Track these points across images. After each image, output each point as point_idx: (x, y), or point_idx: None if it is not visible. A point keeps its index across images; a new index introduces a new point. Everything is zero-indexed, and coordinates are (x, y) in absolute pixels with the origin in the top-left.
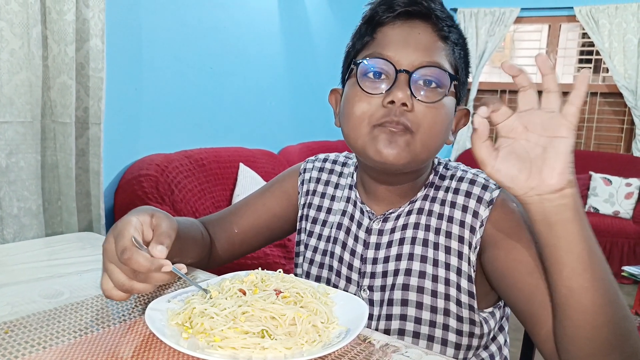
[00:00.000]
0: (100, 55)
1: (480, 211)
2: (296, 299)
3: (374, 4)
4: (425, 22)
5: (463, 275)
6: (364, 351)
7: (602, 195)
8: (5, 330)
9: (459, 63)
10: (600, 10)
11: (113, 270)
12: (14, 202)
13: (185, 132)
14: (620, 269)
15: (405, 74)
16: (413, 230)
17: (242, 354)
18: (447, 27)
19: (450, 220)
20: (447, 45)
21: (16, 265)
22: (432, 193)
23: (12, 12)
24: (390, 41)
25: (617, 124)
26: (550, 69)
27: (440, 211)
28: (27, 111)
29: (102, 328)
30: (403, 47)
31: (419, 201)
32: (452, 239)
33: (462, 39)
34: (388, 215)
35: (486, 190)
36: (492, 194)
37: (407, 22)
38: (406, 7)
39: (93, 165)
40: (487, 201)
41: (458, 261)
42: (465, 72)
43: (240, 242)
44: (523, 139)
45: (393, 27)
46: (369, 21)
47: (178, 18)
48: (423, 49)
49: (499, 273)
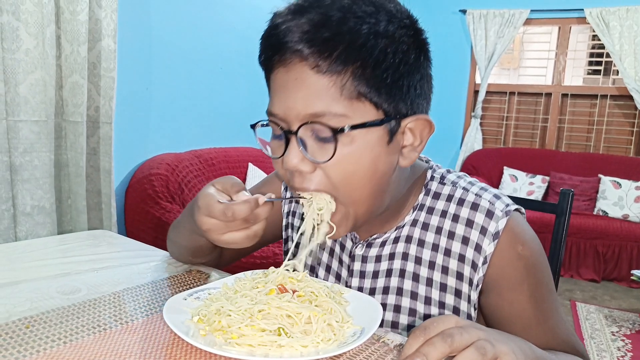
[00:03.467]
0: (112, 55)
1: (484, 245)
2: (311, 298)
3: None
4: (300, 59)
5: (461, 314)
6: (378, 351)
7: (612, 199)
8: (26, 325)
9: (372, 81)
10: (611, 12)
11: (231, 238)
12: (28, 201)
13: (195, 132)
14: (630, 273)
15: (293, 134)
16: (402, 262)
17: (259, 351)
18: (327, 55)
19: (447, 254)
20: (338, 76)
21: (32, 262)
22: (422, 217)
23: (27, 12)
24: (274, 93)
25: (627, 127)
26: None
27: (435, 241)
28: (42, 110)
29: (120, 325)
30: (284, 100)
31: (407, 227)
32: (449, 275)
33: (373, 40)
34: (372, 241)
35: (491, 219)
36: (498, 225)
37: (284, 64)
38: (266, 51)
39: (104, 164)
40: (492, 233)
41: (455, 299)
42: (397, 76)
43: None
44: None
45: (274, 74)
46: (262, 64)
47: (189, 19)
48: (302, 99)
49: (498, 321)
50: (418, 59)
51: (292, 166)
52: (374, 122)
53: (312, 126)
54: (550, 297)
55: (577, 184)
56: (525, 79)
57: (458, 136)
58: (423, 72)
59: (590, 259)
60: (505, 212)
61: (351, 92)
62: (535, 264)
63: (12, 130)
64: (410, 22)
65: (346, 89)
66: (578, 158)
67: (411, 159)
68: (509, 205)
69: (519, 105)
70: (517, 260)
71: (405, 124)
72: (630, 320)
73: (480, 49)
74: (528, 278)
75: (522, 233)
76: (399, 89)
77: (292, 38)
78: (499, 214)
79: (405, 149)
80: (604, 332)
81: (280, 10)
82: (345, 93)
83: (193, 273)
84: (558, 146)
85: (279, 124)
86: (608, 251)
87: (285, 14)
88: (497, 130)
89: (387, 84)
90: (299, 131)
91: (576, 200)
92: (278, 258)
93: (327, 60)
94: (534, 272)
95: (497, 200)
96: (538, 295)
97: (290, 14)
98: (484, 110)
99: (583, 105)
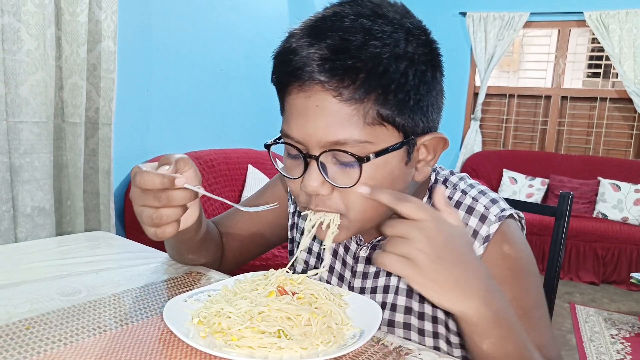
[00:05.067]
0: (112, 57)
1: (474, 247)
2: (310, 300)
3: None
4: (322, 87)
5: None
6: (377, 353)
7: (611, 201)
8: (27, 326)
9: (394, 105)
10: (611, 15)
11: (142, 211)
12: (28, 202)
13: (195, 133)
14: (629, 276)
15: (314, 159)
16: None
17: (259, 353)
18: (348, 83)
19: None
20: (360, 104)
21: (32, 264)
22: None
23: (29, 13)
24: (292, 117)
25: (626, 130)
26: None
27: None
28: (42, 111)
29: (120, 326)
30: (303, 125)
31: None
32: None
33: (394, 64)
34: (376, 243)
35: (484, 223)
36: (490, 229)
37: (303, 90)
38: (282, 75)
39: (103, 165)
40: (482, 237)
41: None
42: (418, 98)
43: (240, 250)
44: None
45: (292, 97)
46: (275, 84)
47: (189, 20)
48: (324, 127)
49: None
50: (435, 76)
51: (312, 190)
52: (395, 145)
53: (334, 153)
54: (535, 305)
55: (576, 187)
56: (525, 81)
57: (458, 138)
58: (438, 88)
59: (590, 262)
60: (499, 217)
61: (374, 118)
62: (520, 269)
63: (13, 132)
64: (426, 38)
65: (369, 116)
66: (577, 161)
67: (425, 173)
68: (504, 210)
69: (518, 108)
70: (501, 259)
71: (422, 142)
72: (629, 323)
73: (480, 51)
74: (511, 280)
75: (509, 234)
76: (420, 109)
77: (312, 67)
78: (492, 219)
79: (419, 163)
80: (604, 335)
81: (296, 31)
82: (368, 119)
83: (193, 275)
84: (557, 149)
85: (297, 146)
86: (607, 254)
87: (301, 36)
88: (497, 133)
89: (409, 106)
90: (322, 156)
91: (575, 203)
92: (277, 259)
93: (349, 88)
94: (518, 276)
95: (493, 205)
96: (521, 302)
97: (307, 37)
98: (483, 112)
99: (582, 108)
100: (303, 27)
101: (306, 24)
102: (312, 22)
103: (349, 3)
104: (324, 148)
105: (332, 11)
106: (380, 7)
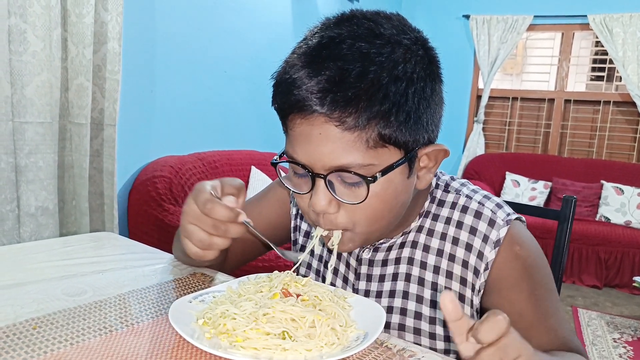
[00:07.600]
0: (117, 58)
1: (485, 252)
2: (315, 302)
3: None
4: (324, 117)
5: None
6: (381, 355)
7: (614, 205)
8: (34, 326)
9: (395, 127)
10: (615, 18)
11: (193, 231)
12: (32, 202)
13: (199, 135)
14: (632, 279)
15: (321, 178)
16: (407, 266)
17: (264, 354)
18: (350, 112)
19: (451, 259)
20: (363, 130)
21: (37, 264)
22: (428, 224)
23: (35, 14)
24: (296, 142)
25: (629, 133)
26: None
27: (439, 247)
28: (47, 112)
29: (126, 326)
30: (308, 150)
31: (413, 233)
32: (454, 280)
33: (394, 87)
34: (379, 246)
35: (493, 227)
36: (500, 233)
37: (305, 118)
38: (283, 104)
39: (107, 166)
40: (493, 241)
41: (459, 303)
42: (418, 115)
43: (242, 252)
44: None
45: (296, 124)
46: (277, 111)
47: (193, 22)
48: (329, 153)
49: None
50: (434, 89)
51: (321, 210)
52: (399, 162)
53: (340, 174)
54: (551, 297)
55: (579, 190)
56: (528, 84)
57: (460, 141)
58: (437, 99)
59: (592, 266)
60: (506, 221)
61: (376, 141)
62: (533, 265)
63: (18, 132)
64: (424, 52)
65: (371, 140)
66: (580, 164)
67: (427, 180)
68: (509, 214)
69: (521, 111)
70: (514, 259)
71: (423, 153)
72: (632, 327)
73: (483, 54)
74: (527, 277)
75: (519, 235)
76: (421, 124)
77: (312, 100)
78: (501, 223)
79: (421, 171)
80: (606, 339)
81: (293, 61)
82: (371, 143)
83: (197, 276)
84: (560, 152)
85: (303, 166)
86: (610, 257)
87: (300, 66)
88: (500, 136)
89: (410, 125)
90: (329, 175)
91: (578, 207)
92: (280, 261)
93: (351, 117)
94: (532, 272)
95: (499, 210)
96: (538, 295)
97: (305, 68)
98: (486, 115)
99: (586, 111)
100: (301, 55)
101: (304, 51)
102: (310, 51)
103: (345, 22)
104: (329, 171)
105: (329, 36)
106: (376, 24)
